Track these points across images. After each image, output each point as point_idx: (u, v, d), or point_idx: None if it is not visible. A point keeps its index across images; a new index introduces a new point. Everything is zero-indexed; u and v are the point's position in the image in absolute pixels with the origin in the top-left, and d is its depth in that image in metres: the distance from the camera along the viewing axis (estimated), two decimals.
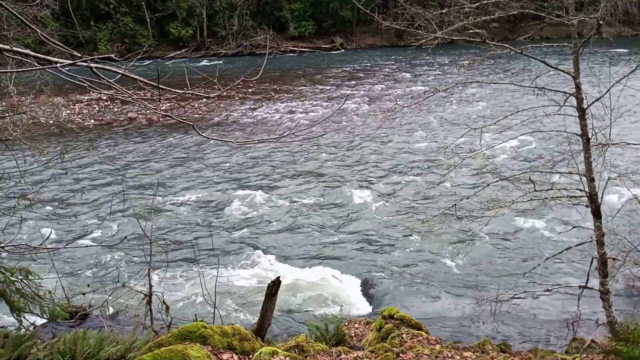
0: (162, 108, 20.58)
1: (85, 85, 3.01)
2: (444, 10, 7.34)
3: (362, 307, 9.79)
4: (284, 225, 13.51)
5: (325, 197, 15.37)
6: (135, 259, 11.43)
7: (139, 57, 3.14)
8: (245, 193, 15.70)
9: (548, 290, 8.37)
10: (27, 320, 4.91)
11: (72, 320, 7.37)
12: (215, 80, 3.62)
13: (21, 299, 4.74)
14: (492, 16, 7.32)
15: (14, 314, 4.74)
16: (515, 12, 7.46)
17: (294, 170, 18.04)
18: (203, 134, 4.06)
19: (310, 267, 11.18)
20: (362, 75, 40.19)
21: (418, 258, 11.51)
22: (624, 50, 42.72)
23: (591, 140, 7.09)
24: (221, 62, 49.14)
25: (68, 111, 27.51)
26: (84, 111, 28.33)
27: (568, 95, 7.20)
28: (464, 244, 11.27)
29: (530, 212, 13.00)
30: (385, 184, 16.27)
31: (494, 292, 9.08)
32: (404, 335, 6.36)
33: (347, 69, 43.82)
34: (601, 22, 6.88)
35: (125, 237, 11.43)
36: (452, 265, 11.10)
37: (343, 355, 5.27)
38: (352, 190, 15.62)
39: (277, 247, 12.24)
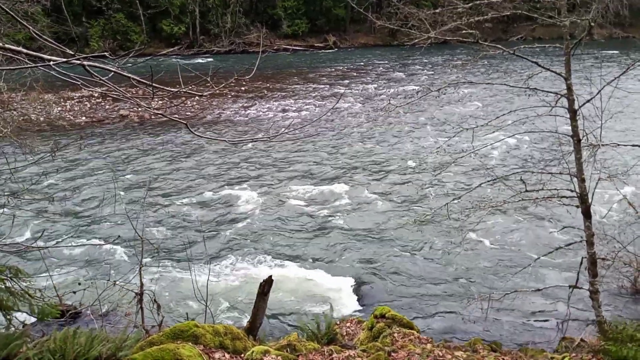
0: (154, 106, 20.48)
1: (78, 82, 2.99)
2: (437, 10, 7.35)
3: (354, 306, 9.81)
4: (276, 224, 13.50)
5: (317, 196, 15.38)
6: (127, 257, 11.37)
7: (132, 54, 3.12)
8: (237, 192, 15.68)
9: (538, 290, 8.44)
10: (17, 319, 4.88)
11: (62, 319, 7.34)
12: (208, 79, 3.61)
13: (10, 297, 4.71)
14: (485, 17, 7.35)
15: (2, 312, 4.71)
16: (508, 13, 7.48)
17: (286, 169, 18.03)
18: (195, 132, 4.03)
19: (302, 266, 11.18)
20: (355, 74, 40.21)
21: (409, 257, 11.54)
22: (615, 51, 43.14)
23: (582, 141, 7.14)
24: (214, 59, 48.93)
25: (59, 108, 27.29)
26: (75, 108, 28.12)
27: (559, 96, 7.25)
28: (455, 244, 11.33)
29: (521, 212, 13.08)
30: (377, 184, 16.30)
31: (484, 292, 9.13)
32: (396, 335, 6.38)
33: (340, 67, 43.84)
34: (592, 23, 6.93)
35: (119, 236, 11.36)
36: (443, 265, 11.15)
37: (335, 355, 5.28)
38: (344, 190, 15.65)
39: (269, 246, 12.23)
